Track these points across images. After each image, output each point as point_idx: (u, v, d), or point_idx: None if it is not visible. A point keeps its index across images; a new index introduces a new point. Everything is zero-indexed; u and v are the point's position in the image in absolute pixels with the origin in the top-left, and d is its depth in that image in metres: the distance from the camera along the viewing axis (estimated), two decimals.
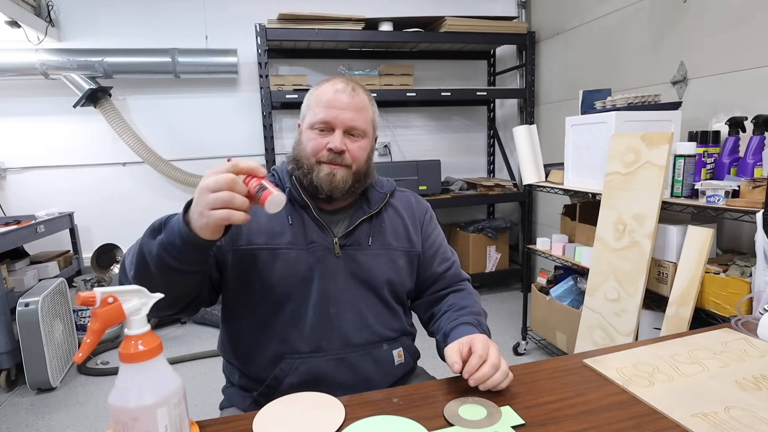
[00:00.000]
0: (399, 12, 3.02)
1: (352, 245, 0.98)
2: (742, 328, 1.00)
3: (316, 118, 0.94)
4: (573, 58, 2.94)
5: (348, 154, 0.94)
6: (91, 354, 1.67)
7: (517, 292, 3.41)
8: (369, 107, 0.99)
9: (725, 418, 0.69)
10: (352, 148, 0.95)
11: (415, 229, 1.06)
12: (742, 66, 1.88)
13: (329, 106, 0.93)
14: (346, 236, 0.98)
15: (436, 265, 1.07)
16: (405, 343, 1.04)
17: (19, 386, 2.27)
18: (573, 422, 0.70)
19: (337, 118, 0.93)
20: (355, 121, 0.94)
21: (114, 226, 3.11)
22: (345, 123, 0.93)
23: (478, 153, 3.76)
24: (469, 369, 0.78)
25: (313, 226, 0.96)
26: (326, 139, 0.94)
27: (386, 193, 1.04)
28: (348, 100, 0.94)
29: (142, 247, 0.77)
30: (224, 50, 2.98)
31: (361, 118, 0.95)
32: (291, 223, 0.96)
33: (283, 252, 0.94)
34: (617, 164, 1.77)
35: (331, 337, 0.95)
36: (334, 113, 0.93)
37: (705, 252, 1.50)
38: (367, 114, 0.97)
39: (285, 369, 0.93)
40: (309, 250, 0.95)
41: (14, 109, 2.93)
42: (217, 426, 0.73)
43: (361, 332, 0.97)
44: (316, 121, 0.94)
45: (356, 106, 0.94)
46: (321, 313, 0.94)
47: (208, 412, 1.88)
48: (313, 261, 0.95)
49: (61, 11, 2.91)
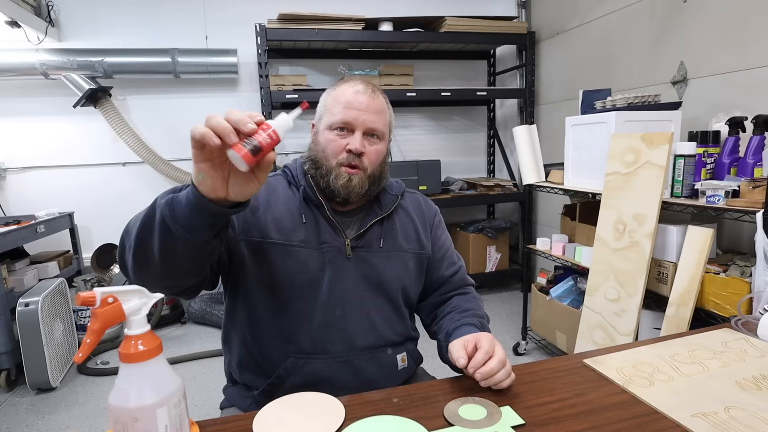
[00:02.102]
0: (399, 12, 3.02)
1: (364, 247, 0.98)
2: (742, 328, 1.00)
3: (336, 118, 0.93)
4: (573, 58, 2.94)
5: (366, 158, 0.94)
6: (91, 354, 1.67)
7: (517, 292, 3.41)
8: (387, 110, 0.98)
9: (725, 418, 0.69)
10: (369, 151, 0.94)
11: (425, 231, 1.06)
12: (742, 66, 1.88)
13: (349, 107, 0.92)
14: (357, 238, 0.97)
15: (444, 268, 1.07)
16: (409, 348, 1.04)
17: (19, 386, 2.27)
18: (573, 422, 0.70)
19: (358, 119, 0.92)
20: (375, 123, 0.94)
21: (114, 226, 3.07)
22: (365, 124, 0.93)
23: (478, 153, 3.76)
24: (475, 364, 0.78)
25: (326, 226, 0.96)
26: (346, 141, 0.93)
27: (397, 195, 1.04)
28: (368, 101, 0.93)
29: (154, 202, 0.72)
30: (224, 50, 2.98)
31: (380, 121, 0.95)
32: (305, 222, 0.95)
33: (295, 250, 0.93)
34: (617, 164, 1.77)
35: (337, 339, 0.94)
36: (355, 114, 0.92)
37: (705, 252, 1.50)
38: (385, 117, 0.97)
39: (289, 368, 0.93)
40: (321, 250, 0.95)
41: (14, 109, 2.93)
42: (217, 426, 0.73)
43: (367, 336, 0.96)
44: (336, 122, 0.93)
45: (376, 108, 0.94)
46: (328, 314, 0.94)
47: (208, 412, 1.88)
48: (325, 261, 0.94)
49: (61, 11, 2.91)
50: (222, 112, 0.63)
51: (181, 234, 0.68)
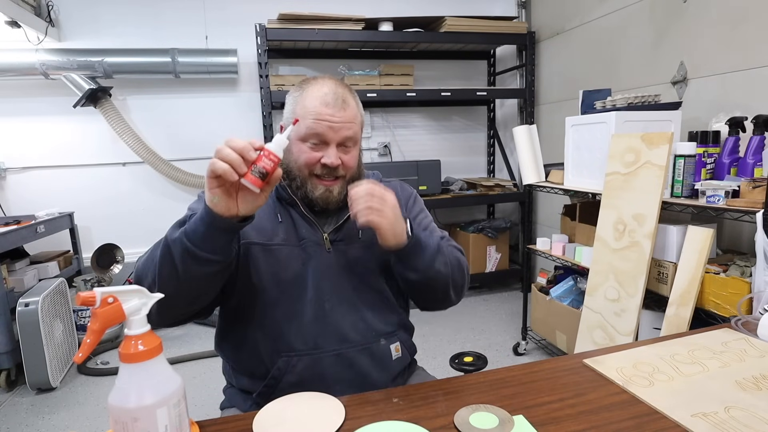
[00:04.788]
0: (399, 12, 3.02)
1: (343, 240, 0.98)
2: (742, 328, 1.00)
3: (308, 132, 0.91)
4: (573, 58, 2.94)
5: (342, 167, 0.93)
6: (91, 354, 1.67)
7: (517, 292, 3.41)
8: (358, 113, 0.96)
9: (725, 418, 0.69)
10: (346, 159, 0.93)
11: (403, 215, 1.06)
12: (742, 66, 1.88)
13: (320, 119, 0.90)
14: (335, 231, 0.97)
15: None
16: (402, 337, 1.04)
17: (19, 386, 2.28)
18: (573, 422, 0.70)
19: (330, 133, 0.90)
20: (349, 133, 0.92)
21: (114, 226, 3.11)
22: (339, 137, 0.91)
23: (478, 153, 3.76)
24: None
25: (302, 222, 0.96)
26: (319, 154, 0.91)
27: None
28: (340, 113, 0.90)
29: (166, 240, 0.78)
30: (224, 50, 2.98)
31: (353, 128, 0.93)
32: (281, 221, 0.96)
33: (276, 248, 0.94)
34: (617, 164, 1.77)
35: (328, 334, 0.94)
36: (326, 128, 0.90)
37: (705, 252, 1.50)
38: (357, 121, 0.95)
39: (282, 368, 0.92)
40: (300, 247, 0.95)
41: (14, 109, 2.93)
42: (217, 426, 0.73)
43: (357, 328, 0.96)
44: (308, 135, 0.91)
45: (348, 118, 0.92)
46: (316, 310, 0.94)
47: (208, 412, 1.88)
48: (306, 257, 0.95)
49: (61, 11, 2.91)
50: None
51: (210, 257, 0.77)
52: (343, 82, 0.97)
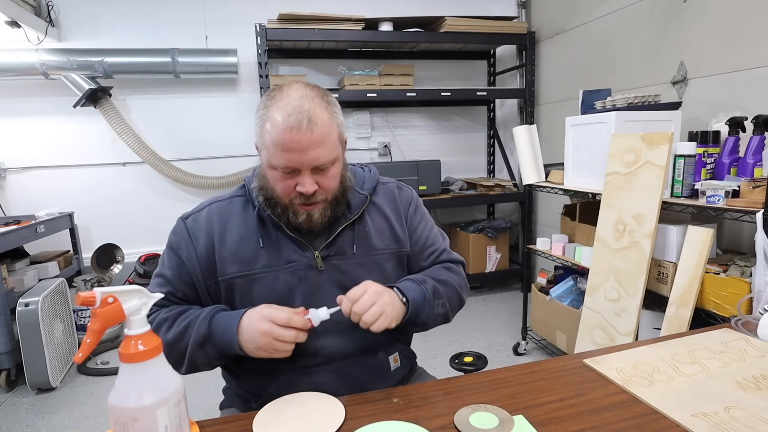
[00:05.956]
0: (399, 12, 3.02)
1: (336, 255, 0.94)
2: (742, 328, 1.00)
3: (277, 162, 0.83)
4: (573, 58, 2.94)
5: (320, 192, 0.86)
6: (91, 354, 1.67)
7: (517, 292, 3.41)
8: (331, 126, 0.85)
9: (725, 418, 0.69)
10: (324, 182, 0.86)
11: (401, 225, 1.01)
12: (742, 66, 1.88)
13: (288, 149, 0.81)
14: (327, 247, 0.93)
15: (423, 259, 1.04)
16: (400, 347, 1.02)
17: (19, 386, 2.27)
18: (573, 422, 0.70)
19: (301, 162, 0.82)
20: (321, 157, 0.83)
21: (114, 226, 3.11)
22: (311, 164, 0.83)
23: (478, 153, 3.76)
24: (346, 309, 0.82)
25: (289, 243, 0.92)
26: (294, 181, 0.85)
27: (367, 196, 0.98)
28: (307, 137, 0.80)
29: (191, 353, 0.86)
30: (224, 50, 2.98)
31: (326, 150, 0.84)
32: (262, 246, 0.91)
33: (258, 276, 0.91)
34: (617, 164, 1.77)
35: (324, 350, 0.92)
36: (296, 157, 0.82)
37: (705, 252, 1.50)
38: (331, 138, 0.85)
39: (281, 385, 0.90)
40: (287, 270, 0.91)
41: (14, 109, 2.93)
42: (217, 426, 0.73)
43: (354, 343, 0.94)
44: (279, 166, 0.84)
45: (318, 141, 0.82)
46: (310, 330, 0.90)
47: (208, 412, 1.88)
48: (294, 281, 0.91)
49: (61, 11, 2.91)
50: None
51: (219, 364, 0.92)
52: (313, 88, 0.86)
